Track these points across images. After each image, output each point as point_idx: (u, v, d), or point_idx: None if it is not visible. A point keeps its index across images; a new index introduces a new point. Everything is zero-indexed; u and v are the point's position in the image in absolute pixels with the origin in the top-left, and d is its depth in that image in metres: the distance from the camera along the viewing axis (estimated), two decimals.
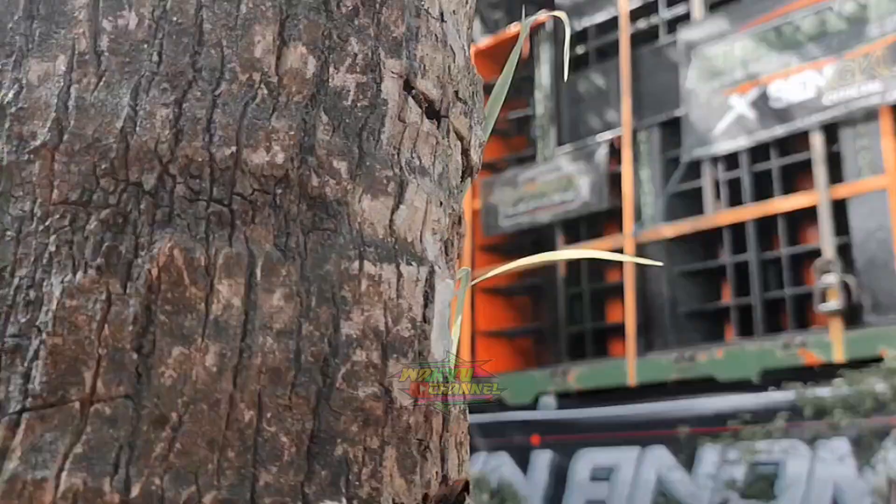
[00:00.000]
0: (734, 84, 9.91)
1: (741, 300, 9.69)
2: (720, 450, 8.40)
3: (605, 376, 10.36)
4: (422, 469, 1.05)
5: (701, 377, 9.57)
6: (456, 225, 1.23)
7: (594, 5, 11.60)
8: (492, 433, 10.74)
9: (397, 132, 1.12)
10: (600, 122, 11.21)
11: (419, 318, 1.08)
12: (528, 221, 11.45)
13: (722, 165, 10.05)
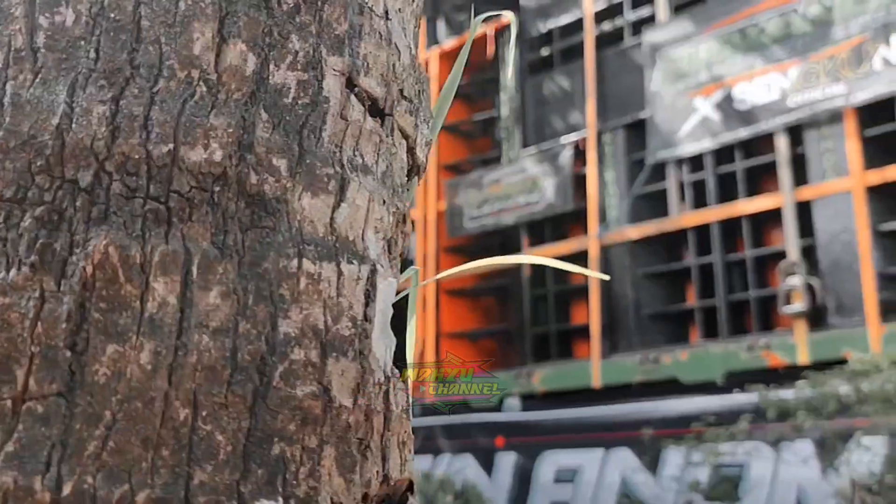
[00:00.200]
0: (699, 86, 9.96)
1: (706, 302, 9.73)
2: (684, 452, 8.44)
3: (569, 378, 10.38)
4: (362, 468, 1.05)
5: (665, 379, 9.60)
6: (400, 224, 1.23)
7: (559, 7, 11.63)
8: (456, 435, 10.73)
9: (339, 130, 1.12)
10: (565, 124, 11.23)
11: (360, 317, 1.08)
12: (493, 223, 11.46)
13: (687, 167, 10.09)
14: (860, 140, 8.88)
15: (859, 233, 8.70)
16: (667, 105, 10.16)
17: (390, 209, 1.18)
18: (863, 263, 8.64)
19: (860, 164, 8.80)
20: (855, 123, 8.91)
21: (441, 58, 12.49)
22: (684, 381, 9.45)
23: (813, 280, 8.95)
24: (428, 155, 1.35)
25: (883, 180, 8.71)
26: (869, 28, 8.94)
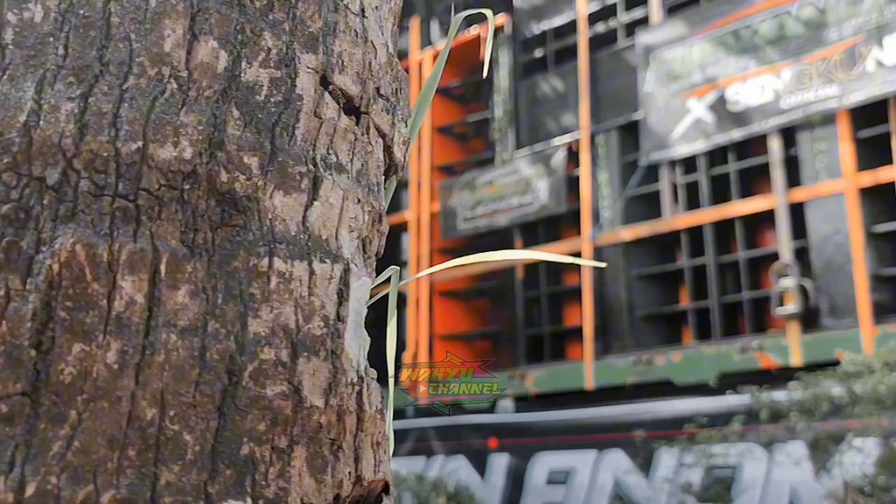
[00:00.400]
0: (692, 87, 9.96)
1: (699, 303, 9.73)
2: (677, 453, 8.42)
3: (562, 379, 10.38)
4: (333, 469, 1.04)
5: (658, 380, 9.60)
6: (376, 223, 1.22)
7: (553, 9, 11.63)
8: (449, 436, 10.72)
9: (313, 128, 1.11)
10: (559, 126, 11.23)
11: (332, 316, 1.07)
12: (487, 224, 11.46)
13: (680, 169, 10.09)
14: (853, 142, 8.88)
15: (852, 234, 8.71)
16: (660, 106, 10.16)
17: (365, 208, 1.17)
18: (856, 265, 8.64)
19: (853, 165, 8.80)
20: (848, 125, 8.92)
21: (434, 59, 12.49)
22: (677, 383, 9.45)
23: (806, 281, 8.95)
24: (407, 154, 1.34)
25: (875, 182, 8.72)
26: (862, 30, 8.95)
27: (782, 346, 8.90)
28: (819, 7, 9.26)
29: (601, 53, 11.03)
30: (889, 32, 8.75)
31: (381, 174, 1.26)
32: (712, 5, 10.05)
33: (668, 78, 10.14)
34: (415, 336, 11.70)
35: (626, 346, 10.07)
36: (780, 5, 9.50)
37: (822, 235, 8.96)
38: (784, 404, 7.84)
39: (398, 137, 1.30)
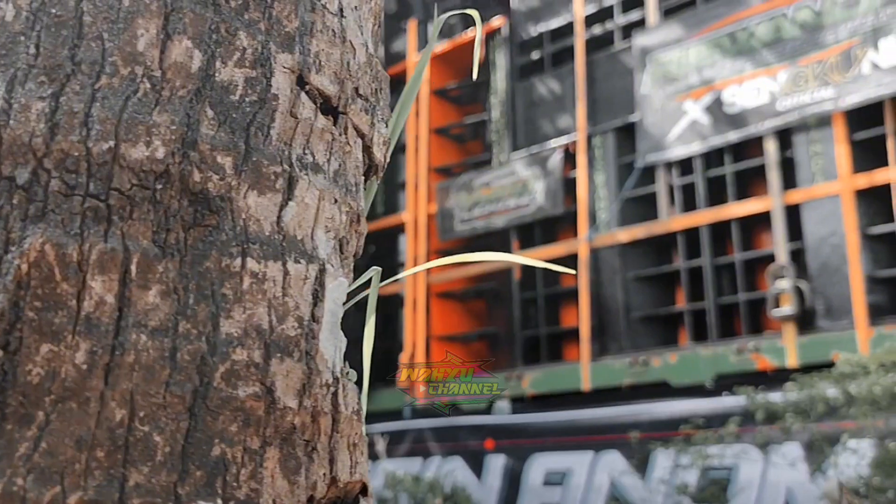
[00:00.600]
0: (688, 89, 9.96)
1: (695, 305, 9.72)
2: (673, 454, 8.42)
3: (559, 381, 10.37)
4: (307, 470, 1.03)
5: (655, 382, 9.59)
6: (354, 223, 1.21)
7: (550, 11, 11.62)
8: (446, 437, 10.72)
9: (288, 128, 1.10)
10: (555, 128, 11.22)
11: (307, 317, 1.07)
12: (484, 226, 11.45)
13: (676, 171, 10.09)
14: (849, 144, 8.88)
15: (848, 236, 8.70)
16: (656, 108, 10.15)
17: (342, 208, 1.16)
18: (851, 266, 8.64)
19: (849, 167, 8.80)
20: (843, 127, 8.91)
21: (433, 61, 12.47)
22: (674, 384, 9.44)
23: (802, 283, 8.94)
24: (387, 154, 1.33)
25: (871, 184, 8.72)
26: (857, 33, 8.95)
27: (778, 347, 8.90)
28: (815, 10, 9.26)
29: (598, 55, 11.02)
30: (885, 35, 8.75)
31: (359, 174, 1.25)
32: (709, 8, 10.05)
33: (665, 80, 10.13)
34: (412, 337, 11.69)
35: (622, 347, 10.06)
36: (777, 8, 9.50)
37: (818, 237, 8.95)
38: (780, 405, 7.83)
39: (378, 138, 1.29)
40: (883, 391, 7.17)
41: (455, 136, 12.78)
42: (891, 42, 8.71)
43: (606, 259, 10.38)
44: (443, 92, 12.64)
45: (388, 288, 12.40)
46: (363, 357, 1.50)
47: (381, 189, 12.83)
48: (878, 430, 7.35)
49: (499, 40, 11.92)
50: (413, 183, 12.31)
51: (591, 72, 10.97)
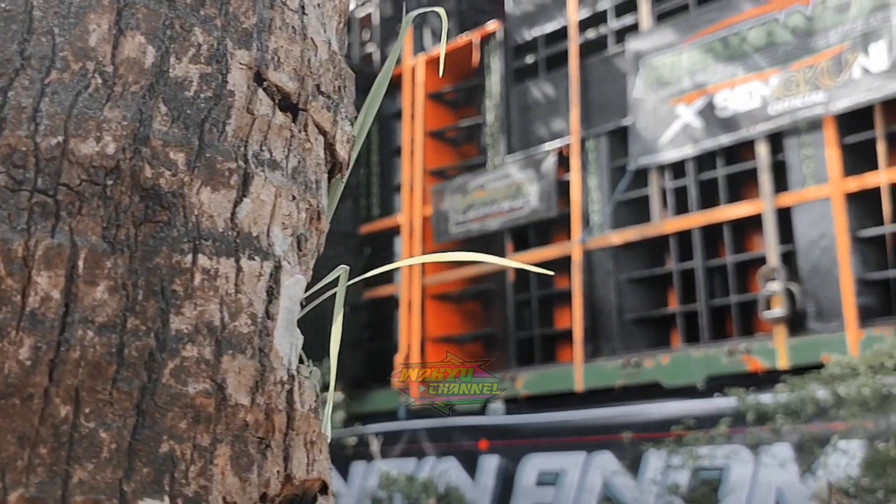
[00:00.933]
0: (681, 93, 9.96)
1: (687, 307, 9.71)
2: (665, 455, 8.41)
3: (552, 382, 10.36)
4: (260, 467, 1.02)
5: (647, 383, 9.59)
6: (315, 220, 1.20)
7: (544, 15, 11.61)
8: (440, 438, 10.71)
9: (245, 124, 1.09)
10: (549, 131, 11.21)
11: (261, 314, 1.05)
12: (478, 228, 11.44)
13: (669, 174, 10.08)
14: (839, 147, 8.88)
15: (838, 239, 8.70)
16: (649, 112, 10.15)
17: (301, 205, 1.14)
18: (842, 269, 8.64)
19: (839, 170, 8.80)
20: (834, 131, 8.91)
21: (427, 65, 12.48)
22: (666, 385, 9.44)
23: (793, 285, 8.94)
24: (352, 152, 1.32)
25: (861, 187, 8.72)
26: (848, 37, 8.95)
27: (769, 349, 8.90)
28: (806, 15, 9.26)
29: (592, 60, 11.01)
30: (875, 40, 8.75)
31: (321, 172, 1.23)
32: (701, 12, 10.04)
33: (658, 84, 10.13)
34: (407, 338, 11.68)
35: (615, 348, 10.05)
36: (769, 13, 9.50)
37: (809, 240, 8.95)
38: (770, 406, 7.82)
39: (341, 135, 1.28)
40: (872, 392, 7.16)
41: (450, 139, 12.77)
42: (881, 47, 8.71)
43: (599, 261, 10.37)
44: (438, 95, 12.63)
45: (384, 289, 12.40)
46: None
47: (377, 191, 12.84)
48: (867, 430, 7.35)
49: (494, 44, 11.91)
50: (408, 185, 12.30)
51: (584, 76, 10.97)
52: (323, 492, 1.16)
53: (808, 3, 9.30)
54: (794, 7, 9.37)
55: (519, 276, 11.16)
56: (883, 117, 8.78)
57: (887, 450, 7.13)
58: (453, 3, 12.47)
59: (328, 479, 1.16)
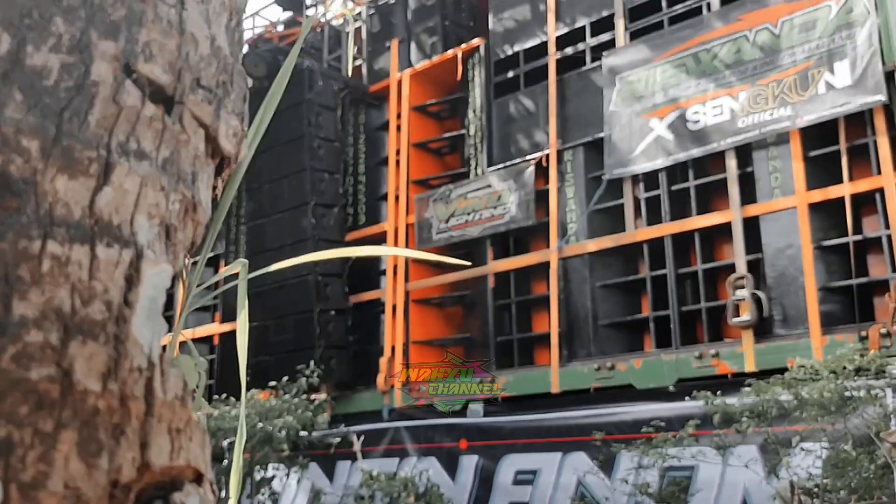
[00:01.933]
0: (654, 107, 9.96)
1: (659, 312, 9.70)
2: (636, 455, 8.37)
3: (530, 384, 10.34)
4: (112, 453, 0.98)
5: (620, 386, 9.58)
6: (190, 212, 1.16)
7: (524, 32, 11.63)
8: (422, 438, 10.69)
9: (110, 114, 1.05)
10: (529, 143, 11.22)
11: (117, 301, 1.01)
12: (460, 235, 11.43)
13: (642, 184, 10.08)
14: (804, 160, 8.87)
15: (803, 248, 8.69)
16: (624, 125, 10.15)
17: (172, 196, 1.11)
18: (807, 277, 8.63)
19: (805, 182, 8.79)
20: (800, 144, 8.91)
21: (413, 78, 12.50)
22: (638, 388, 9.42)
23: (760, 292, 8.93)
24: (240, 146, 1.28)
25: (825, 198, 8.71)
26: (814, 55, 8.95)
27: (737, 353, 8.89)
28: (774, 33, 9.26)
29: (569, 75, 11.02)
30: (840, 58, 8.75)
31: (200, 164, 1.20)
32: (674, 30, 10.06)
33: (632, 98, 10.14)
34: (391, 341, 11.66)
35: (590, 352, 10.03)
36: (739, 31, 9.51)
37: (776, 249, 8.95)
38: (736, 409, 7.78)
39: (226, 129, 1.24)
40: (832, 395, 7.13)
41: (434, 150, 12.78)
42: (845, 64, 8.72)
43: (576, 268, 10.37)
44: (422, 108, 12.63)
45: (369, 294, 12.38)
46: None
47: (364, 200, 12.83)
48: (828, 432, 7.32)
49: (477, 59, 11.91)
50: (393, 194, 12.29)
51: (562, 90, 10.98)
52: (198, 480, 1.12)
53: (776, 21, 9.30)
54: (763, 25, 9.37)
55: (499, 282, 11.15)
56: (847, 131, 8.77)
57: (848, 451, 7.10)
58: (439, 19, 12.47)
59: (202, 468, 1.12)
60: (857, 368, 7.21)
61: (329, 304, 11.67)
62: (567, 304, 10.34)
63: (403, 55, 12.82)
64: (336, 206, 12.23)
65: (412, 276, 11.81)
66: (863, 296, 8.55)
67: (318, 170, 12.00)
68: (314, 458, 10.66)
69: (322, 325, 11.41)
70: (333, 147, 12.43)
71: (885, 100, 8.37)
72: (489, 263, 11.17)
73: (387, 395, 11.42)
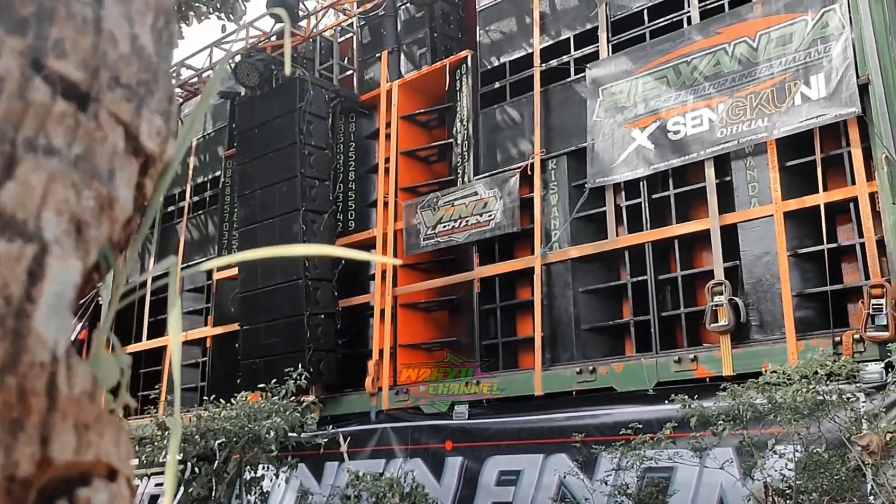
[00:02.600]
0: (636, 118, 9.97)
1: (639, 318, 9.70)
2: (616, 457, 8.35)
3: (514, 387, 10.33)
4: (8, 449, 0.95)
5: (601, 388, 9.57)
6: (106, 209, 1.13)
7: (511, 44, 11.64)
8: (408, 439, 10.67)
9: (15, 110, 1.02)
10: (514, 152, 11.23)
11: (18, 296, 0.99)
12: (446, 241, 11.43)
13: (623, 193, 10.09)
14: (780, 170, 8.88)
15: (780, 255, 8.69)
16: (606, 135, 10.16)
17: (85, 193, 1.08)
18: (783, 284, 8.63)
19: (781, 191, 8.80)
20: (776, 155, 8.92)
21: (402, 88, 12.51)
22: (619, 391, 9.41)
23: (737, 298, 8.93)
24: (165, 144, 1.25)
25: (801, 206, 8.72)
26: (791, 68, 8.96)
27: (715, 358, 8.88)
28: (752, 46, 9.28)
29: (554, 86, 11.04)
30: (816, 71, 8.77)
31: (119, 162, 1.17)
32: (655, 43, 10.08)
33: (615, 109, 10.15)
34: (379, 344, 11.64)
35: (572, 356, 10.03)
36: (718, 44, 9.53)
37: (753, 256, 8.96)
38: (712, 412, 7.76)
39: (149, 128, 1.21)
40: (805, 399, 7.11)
41: (423, 159, 12.79)
42: (820, 77, 8.73)
43: (559, 274, 10.37)
44: (411, 117, 12.64)
45: (358, 298, 12.37)
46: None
47: (353, 207, 12.83)
48: (801, 435, 7.31)
49: (464, 70, 11.92)
50: (382, 201, 12.29)
51: (547, 101, 11.00)
52: (111, 476, 1.09)
53: (754, 35, 9.31)
54: (741, 38, 9.38)
55: (484, 287, 11.14)
56: (821, 142, 8.78)
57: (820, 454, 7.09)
58: (427, 31, 12.48)
59: (116, 463, 1.09)
60: (828, 373, 7.20)
61: (319, 307, 11.65)
62: (550, 308, 10.33)
63: (393, 66, 12.83)
64: (326, 213, 12.22)
65: (400, 282, 11.81)
66: (837, 302, 8.54)
67: (308, 177, 11.99)
68: (303, 459, 10.63)
69: (311, 329, 11.39)
70: (324, 155, 12.43)
71: (859, 111, 8.37)
72: (475, 269, 11.16)
73: (374, 397, 11.39)
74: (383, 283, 11.80)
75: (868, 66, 8.42)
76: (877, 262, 8.20)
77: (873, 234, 8.22)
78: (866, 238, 8.25)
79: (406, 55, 12.79)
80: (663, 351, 9.37)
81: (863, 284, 8.28)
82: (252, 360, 11.68)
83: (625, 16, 10.54)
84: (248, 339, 11.98)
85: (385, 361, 11.44)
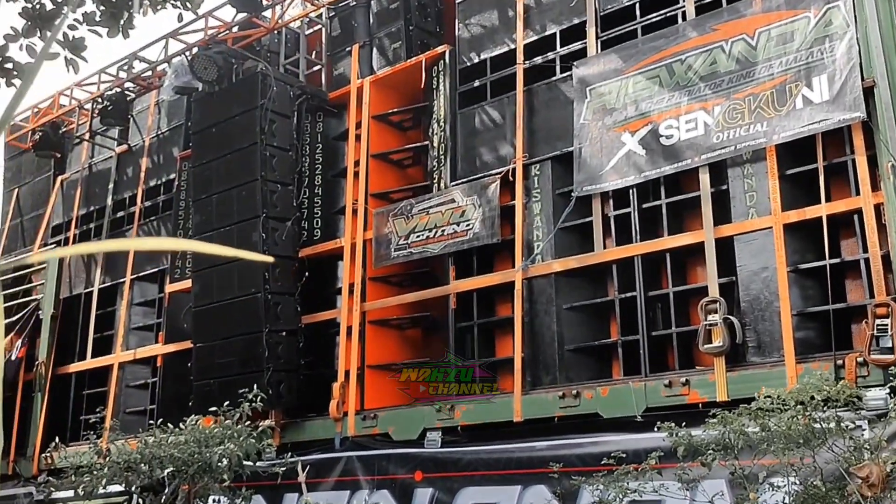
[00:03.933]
0: (626, 121, 10.03)
1: (628, 337, 9.75)
2: (599, 488, 8.40)
3: (491, 412, 10.34)
4: None
5: (586, 414, 9.58)
6: None
7: (492, 39, 11.70)
8: (375, 469, 10.70)
9: None
10: (494, 156, 11.26)
11: None
12: (419, 252, 11.46)
13: (612, 201, 10.14)
14: (780, 179, 8.92)
15: (779, 271, 8.72)
16: (594, 139, 10.22)
17: None
18: (782, 302, 8.66)
19: (781, 202, 8.84)
20: (776, 162, 8.96)
21: (374, 85, 12.55)
22: (605, 417, 9.42)
23: (733, 318, 8.94)
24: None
25: (802, 218, 8.77)
26: (792, 68, 9.03)
27: (709, 382, 8.91)
28: (751, 44, 9.35)
29: (538, 85, 11.09)
30: (818, 72, 8.83)
31: None
32: (647, 39, 10.15)
33: (603, 111, 10.22)
34: (346, 365, 11.64)
35: (555, 379, 10.06)
36: (714, 41, 9.59)
37: (750, 271, 9.00)
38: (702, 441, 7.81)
39: None
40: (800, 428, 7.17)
41: (395, 162, 12.82)
42: (823, 79, 8.79)
43: (541, 289, 10.41)
44: (383, 117, 12.68)
45: (323, 314, 12.38)
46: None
47: (319, 213, 12.83)
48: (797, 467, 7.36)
49: (442, 67, 11.97)
50: (351, 208, 12.29)
51: (530, 101, 11.04)
52: None
53: (752, 32, 9.38)
54: (739, 36, 9.45)
55: (461, 304, 11.16)
56: (824, 149, 8.85)
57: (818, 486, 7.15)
58: (402, 24, 12.55)
59: None
60: (825, 399, 7.24)
61: (279, 324, 11.68)
62: (532, 327, 10.37)
63: (365, 61, 12.88)
64: (289, 220, 12.25)
65: (369, 296, 11.84)
66: (840, 322, 8.61)
67: (270, 181, 12.01)
68: (259, 490, 10.68)
69: (271, 347, 11.39)
70: (288, 157, 12.46)
71: (864, 116, 8.46)
72: (451, 283, 11.20)
73: (339, 422, 11.41)
74: (351, 297, 11.82)
75: (873, 67, 8.50)
76: (882, 279, 8.26)
77: (878, 248, 8.28)
78: (871, 253, 8.33)
79: (379, 49, 12.86)
80: (653, 374, 9.42)
81: (867, 303, 8.34)
82: (206, 381, 11.69)
83: (615, 10, 10.63)
84: (201, 357, 11.97)
85: (351, 383, 11.45)
